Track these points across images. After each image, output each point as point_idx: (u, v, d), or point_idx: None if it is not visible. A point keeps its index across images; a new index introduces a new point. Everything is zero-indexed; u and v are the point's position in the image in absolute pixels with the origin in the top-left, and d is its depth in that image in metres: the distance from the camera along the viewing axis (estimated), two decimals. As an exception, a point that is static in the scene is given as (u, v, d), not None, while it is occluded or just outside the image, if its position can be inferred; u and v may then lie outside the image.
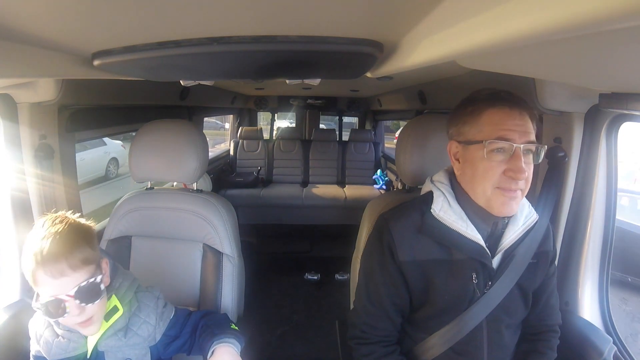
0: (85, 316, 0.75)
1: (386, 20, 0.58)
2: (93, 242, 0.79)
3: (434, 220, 0.85)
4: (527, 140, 0.77)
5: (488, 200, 0.80)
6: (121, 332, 0.84)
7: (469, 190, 0.84)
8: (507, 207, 0.79)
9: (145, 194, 1.25)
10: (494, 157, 0.78)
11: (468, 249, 0.83)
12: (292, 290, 2.75)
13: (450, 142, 0.88)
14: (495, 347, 0.88)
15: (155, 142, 1.21)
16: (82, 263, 0.74)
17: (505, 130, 0.77)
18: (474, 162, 0.80)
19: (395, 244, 0.86)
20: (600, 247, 1.09)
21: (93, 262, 0.77)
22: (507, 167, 0.77)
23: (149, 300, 0.89)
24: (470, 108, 0.82)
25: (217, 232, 1.18)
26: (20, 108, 1.14)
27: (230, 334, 0.87)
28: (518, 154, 0.76)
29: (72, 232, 0.75)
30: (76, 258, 0.73)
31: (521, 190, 0.78)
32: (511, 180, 0.77)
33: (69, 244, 0.73)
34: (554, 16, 0.31)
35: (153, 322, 0.87)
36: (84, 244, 0.75)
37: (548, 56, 0.53)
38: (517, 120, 0.77)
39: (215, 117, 7.32)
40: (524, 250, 0.86)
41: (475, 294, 0.85)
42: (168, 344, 0.90)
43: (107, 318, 0.82)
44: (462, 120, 0.83)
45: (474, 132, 0.81)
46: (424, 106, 2.23)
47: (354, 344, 0.93)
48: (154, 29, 0.62)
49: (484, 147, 0.77)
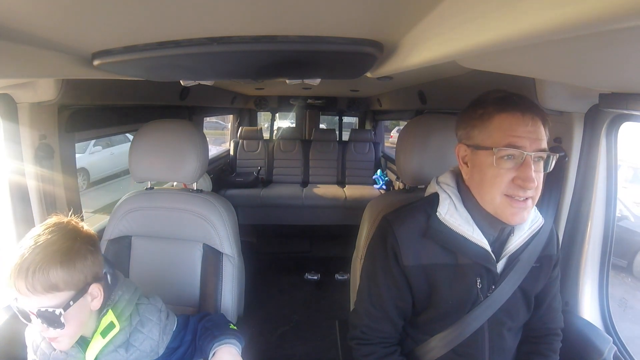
0: (49, 335, 0.71)
1: (386, 20, 0.58)
2: (74, 267, 0.70)
3: (439, 224, 0.83)
4: (539, 148, 0.74)
5: (496, 209, 0.78)
6: (122, 348, 0.79)
7: (477, 196, 0.81)
8: (518, 217, 0.77)
9: (145, 194, 1.25)
10: (503, 164, 0.75)
11: (473, 253, 0.82)
12: (292, 290, 2.75)
13: (458, 145, 0.85)
14: (496, 350, 0.87)
15: (155, 142, 1.21)
16: (44, 289, 0.67)
17: (516, 137, 0.74)
18: (482, 168, 0.78)
19: (399, 247, 0.84)
20: (600, 247, 1.09)
21: (65, 289, 0.69)
22: (516, 175, 0.74)
23: (152, 314, 0.84)
24: (480, 111, 0.79)
25: (217, 232, 1.18)
26: (20, 108, 1.14)
27: (231, 335, 0.86)
28: (528, 162, 0.73)
29: (49, 251, 0.68)
30: (37, 282, 0.66)
31: (531, 199, 0.76)
32: (519, 188, 0.74)
33: (35, 264, 0.66)
34: (554, 16, 0.31)
35: (156, 337, 0.83)
36: (56, 269, 0.67)
37: (548, 56, 0.53)
38: (529, 127, 0.74)
39: (216, 117, 7.34)
40: (528, 254, 0.85)
41: (478, 298, 0.84)
42: (170, 355, 0.87)
43: (104, 334, 0.78)
44: (471, 123, 0.81)
45: (484, 137, 0.78)
46: (424, 106, 2.23)
47: (355, 344, 0.92)
48: (154, 29, 0.62)
49: (493, 154, 0.75)
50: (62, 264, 0.68)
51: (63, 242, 0.70)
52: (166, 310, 0.89)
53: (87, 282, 0.73)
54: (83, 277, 0.72)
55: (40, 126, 1.20)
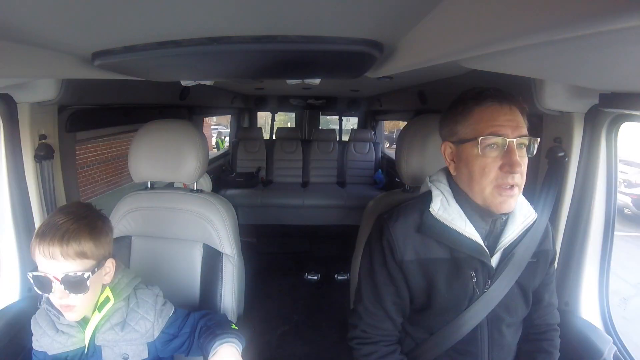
0: (68, 302, 0.77)
1: (386, 20, 0.58)
2: (99, 240, 0.80)
3: (433, 219, 0.85)
4: (520, 134, 0.78)
5: (485, 199, 0.80)
6: (118, 327, 0.85)
7: (467, 189, 0.84)
8: (506, 205, 0.79)
9: (145, 194, 1.25)
10: (488, 153, 0.78)
11: (467, 247, 0.83)
12: (292, 290, 2.75)
13: (444, 143, 0.88)
14: (496, 347, 0.88)
15: (155, 142, 1.21)
16: (76, 255, 0.76)
17: (497, 125, 0.78)
18: (469, 161, 0.81)
19: (395, 243, 0.86)
20: (600, 247, 1.08)
21: (91, 258, 0.78)
22: (502, 162, 0.77)
23: (148, 297, 0.90)
24: (460, 107, 0.83)
25: (217, 232, 1.18)
26: (20, 108, 1.14)
27: (232, 334, 0.86)
28: (512, 147, 0.77)
29: (82, 223, 0.78)
30: (71, 248, 0.75)
31: (518, 186, 0.79)
32: (507, 174, 0.77)
33: (70, 233, 0.75)
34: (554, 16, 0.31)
35: (151, 318, 0.88)
36: (87, 239, 0.77)
37: (548, 56, 0.53)
38: (507, 116, 0.78)
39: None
40: (524, 249, 0.86)
41: (475, 293, 0.85)
42: (166, 342, 0.91)
43: (100, 309, 0.84)
44: (453, 120, 0.84)
45: (467, 130, 0.81)
46: (424, 106, 2.23)
47: (355, 344, 0.92)
48: (154, 29, 0.62)
49: (477, 143, 0.78)
50: (91, 235, 0.78)
51: (91, 218, 0.81)
52: (164, 298, 0.94)
53: (105, 256, 0.83)
54: (103, 251, 0.81)
55: (40, 126, 1.20)
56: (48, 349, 0.84)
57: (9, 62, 0.69)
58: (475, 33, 0.44)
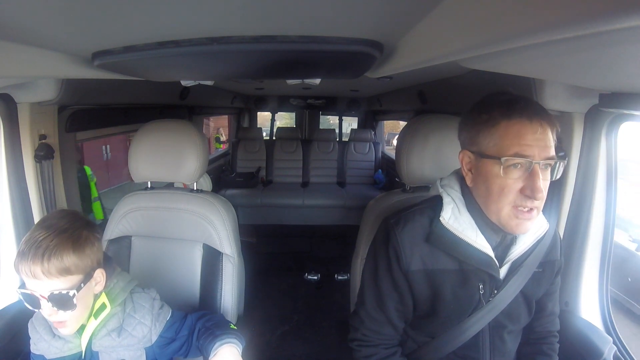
0: (58, 318, 0.75)
1: (386, 20, 0.58)
2: (83, 252, 0.75)
3: (442, 229, 0.81)
4: (547, 156, 0.71)
5: (501, 220, 0.75)
6: (115, 332, 0.83)
7: (482, 205, 0.79)
8: (522, 227, 0.74)
9: (145, 194, 1.25)
10: (510, 174, 0.72)
11: (476, 259, 0.80)
12: (292, 290, 2.75)
13: (462, 151, 0.81)
14: (497, 353, 0.87)
15: (155, 142, 1.21)
16: (58, 272, 0.72)
17: (524, 145, 0.70)
18: (488, 178, 0.75)
19: (401, 251, 0.83)
20: (600, 247, 1.08)
21: (75, 273, 0.74)
22: (524, 184, 0.71)
23: (145, 301, 0.88)
24: (484, 116, 0.75)
25: (217, 232, 1.18)
26: (20, 108, 1.14)
27: (232, 334, 0.86)
28: (536, 171, 0.70)
29: (63, 237, 0.73)
30: (52, 266, 0.71)
31: (536, 209, 0.73)
32: (527, 198, 0.72)
33: (51, 250, 0.71)
34: (554, 16, 0.31)
35: (148, 323, 0.86)
36: (69, 254, 0.72)
37: (548, 56, 0.53)
38: (537, 135, 0.71)
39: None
40: (532, 260, 0.83)
41: (480, 303, 0.84)
42: (164, 345, 0.89)
43: (96, 315, 0.82)
44: (475, 128, 0.77)
45: (489, 144, 0.74)
46: (424, 106, 2.23)
47: (355, 346, 0.92)
48: (154, 29, 0.62)
49: (500, 163, 0.71)
50: (74, 249, 0.73)
51: (74, 230, 0.75)
52: (161, 301, 0.92)
53: (93, 267, 0.78)
54: (90, 262, 0.77)
55: (40, 126, 1.20)
56: (45, 353, 0.83)
57: (9, 62, 0.69)
58: (475, 33, 0.44)
